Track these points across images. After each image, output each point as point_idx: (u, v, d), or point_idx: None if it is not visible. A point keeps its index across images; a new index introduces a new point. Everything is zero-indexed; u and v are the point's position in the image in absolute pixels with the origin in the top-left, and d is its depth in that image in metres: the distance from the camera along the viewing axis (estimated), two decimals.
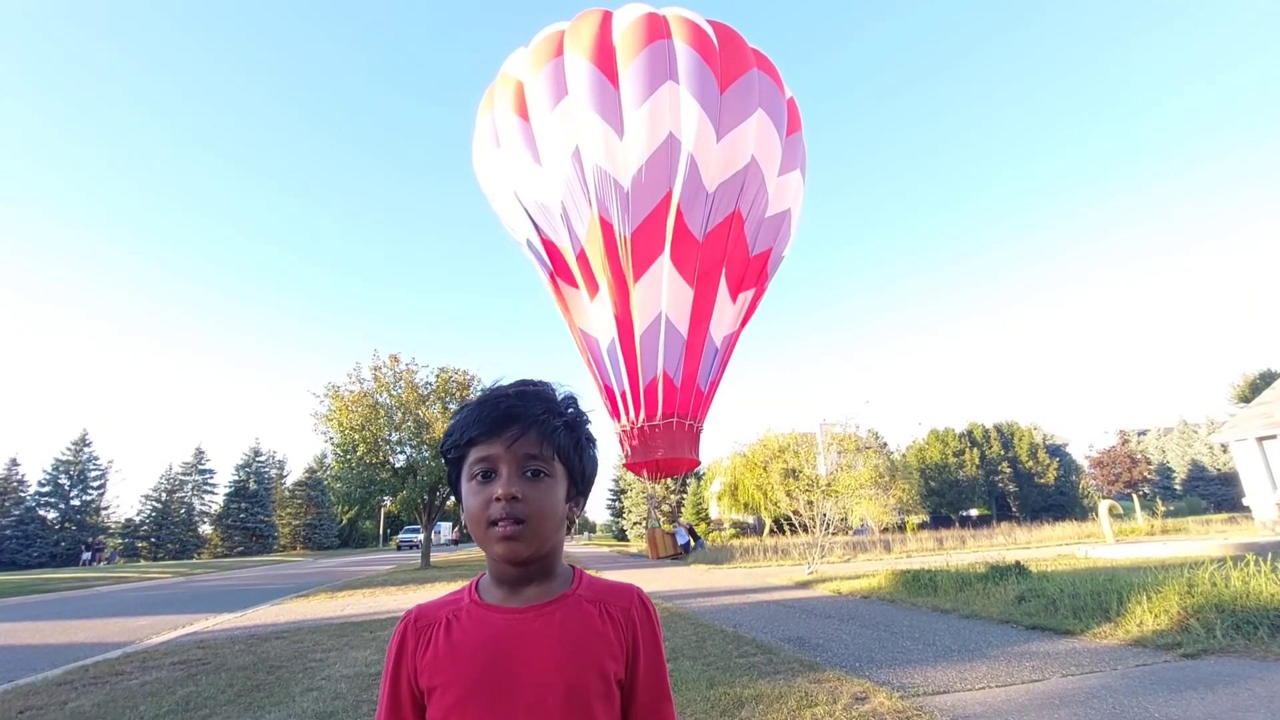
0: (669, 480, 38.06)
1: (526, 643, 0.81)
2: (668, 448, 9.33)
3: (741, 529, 37.45)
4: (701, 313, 9.47)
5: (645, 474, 10.09)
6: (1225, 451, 43.63)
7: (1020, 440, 48.03)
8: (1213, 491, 49.62)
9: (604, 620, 0.86)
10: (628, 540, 45.41)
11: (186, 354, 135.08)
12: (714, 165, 9.18)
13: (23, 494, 40.29)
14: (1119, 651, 4.97)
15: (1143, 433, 63.01)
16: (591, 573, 0.95)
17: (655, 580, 13.12)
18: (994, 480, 46.34)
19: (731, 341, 10.45)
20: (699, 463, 10.33)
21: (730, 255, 9.57)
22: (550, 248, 10.28)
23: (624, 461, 9.17)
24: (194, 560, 40.29)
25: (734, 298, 9.97)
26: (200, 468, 49.35)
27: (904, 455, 46.18)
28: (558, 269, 10.37)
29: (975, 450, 46.86)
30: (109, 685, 5.05)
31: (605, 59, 9.11)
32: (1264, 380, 40.36)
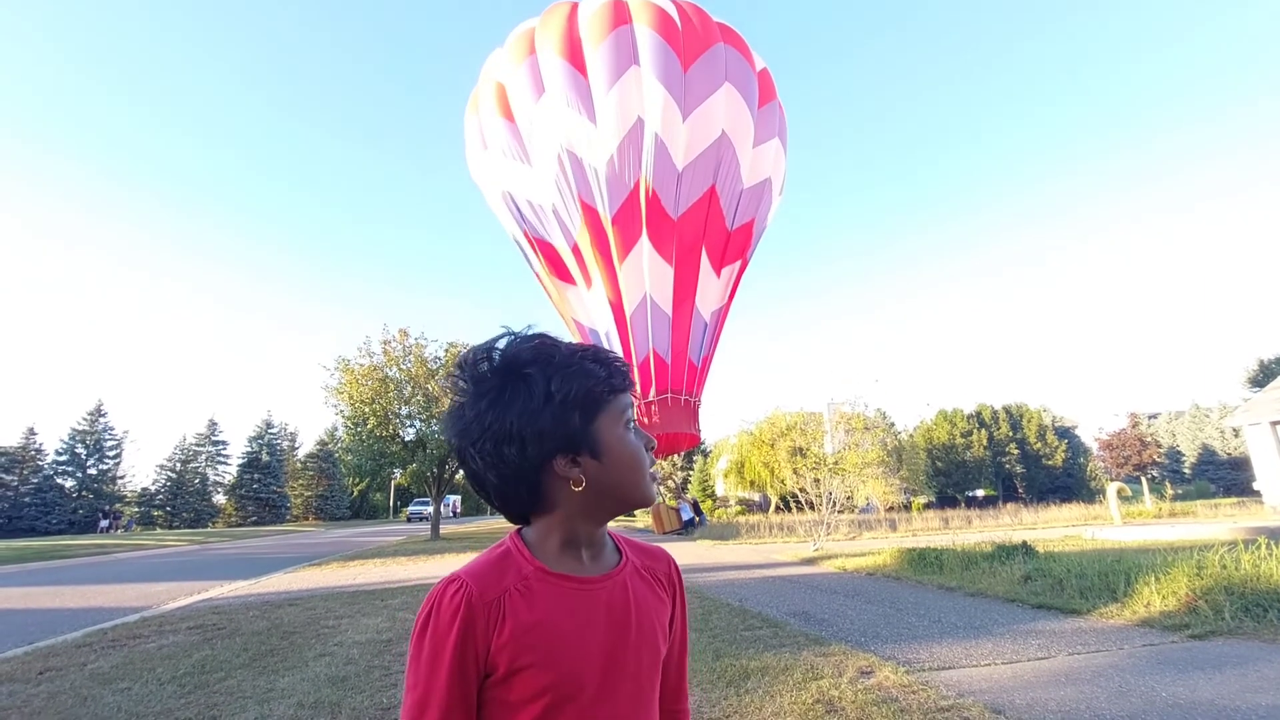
0: (675, 457, 38.31)
1: (617, 613, 0.79)
2: (665, 423, 9.45)
3: (748, 506, 37.68)
4: (685, 290, 9.58)
5: None
6: (1237, 436, 43.28)
7: (1029, 422, 47.81)
8: (1222, 476, 49.36)
9: (655, 583, 0.88)
10: (634, 515, 45.85)
11: (198, 325, 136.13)
12: (682, 144, 9.27)
13: (40, 462, 41.10)
14: (1126, 631, 4.97)
15: (1153, 416, 62.54)
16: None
17: None
18: (1001, 461, 46.27)
19: (721, 315, 10.58)
20: (700, 438, 10.42)
21: (709, 231, 9.66)
22: (545, 247, 10.42)
23: None
24: (208, 529, 41.09)
25: (718, 272, 10.07)
26: (214, 439, 50.09)
27: (911, 435, 46.15)
28: (554, 268, 10.51)
29: (983, 431, 46.72)
30: (127, 648, 5.17)
31: (574, 53, 9.30)
32: (1278, 364, 39.83)
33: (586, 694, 0.73)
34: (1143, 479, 30.89)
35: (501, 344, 0.83)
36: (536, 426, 0.77)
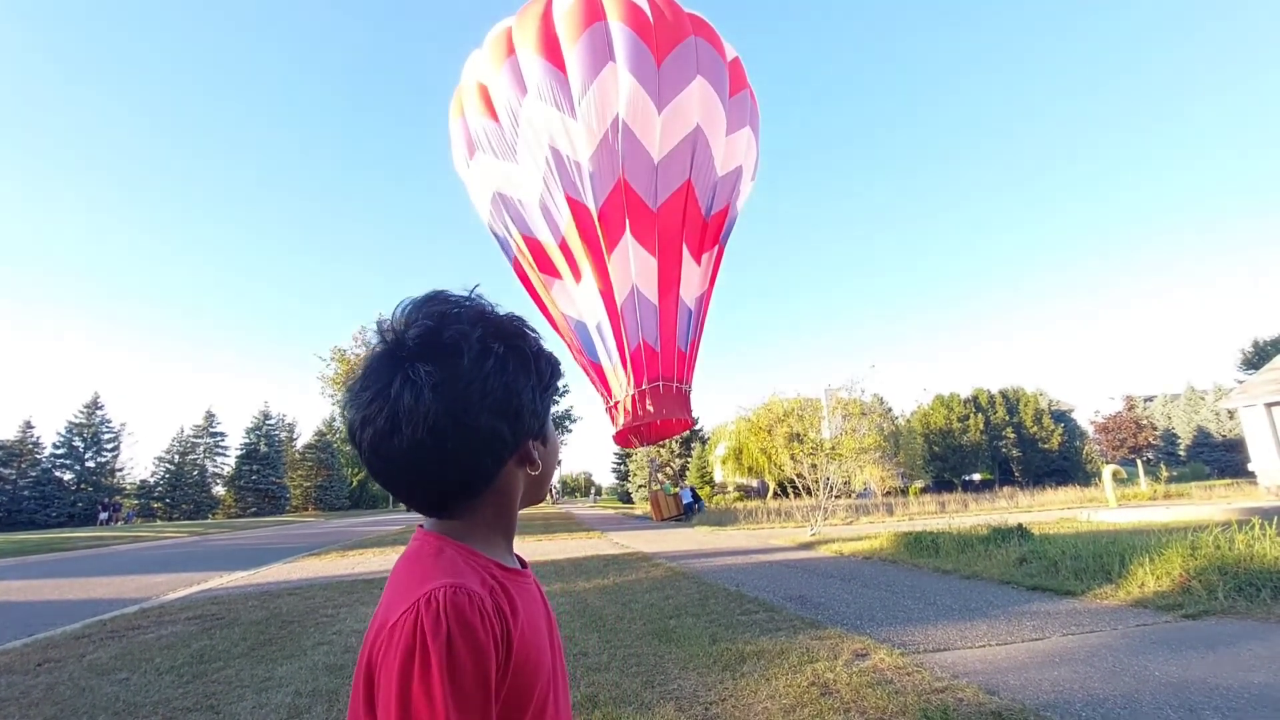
0: (673, 444, 38.40)
1: (544, 606, 0.79)
2: (659, 410, 9.67)
3: (745, 492, 37.86)
4: (669, 279, 9.89)
5: (637, 441, 10.42)
6: (1232, 418, 43.56)
7: (1025, 406, 47.98)
8: (1217, 458, 49.65)
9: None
10: (632, 503, 46.08)
11: (194, 317, 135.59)
12: (657, 138, 9.57)
13: (38, 455, 41.03)
14: (1120, 612, 5.01)
15: (1149, 399, 62.78)
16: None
17: (660, 541, 13.31)
18: (998, 445, 46.48)
19: (704, 301, 10.94)
20: (692, 423, 10.68)
21: (687, 220, 9.94)
22: (532, 243, 10.65)
23: (614, 433, 9.43)
24: (208, 520, 41.13)
25: (698, 260, 10.39)
26: (211, 430, 50.01)
27: (909, 420, 46.34)
28: (540, 263, 10.73)
29: (980, 415, 46.87)
30: (126, 639, 5.17)
31: (553, 50, 9.57)
32: (1274, 346, 39.95)
33: (554, 689, 0.71)
34: (1138, 461, 31.08)
35: (481, 305, 0.72)
36: (536, 404, 0.72)
